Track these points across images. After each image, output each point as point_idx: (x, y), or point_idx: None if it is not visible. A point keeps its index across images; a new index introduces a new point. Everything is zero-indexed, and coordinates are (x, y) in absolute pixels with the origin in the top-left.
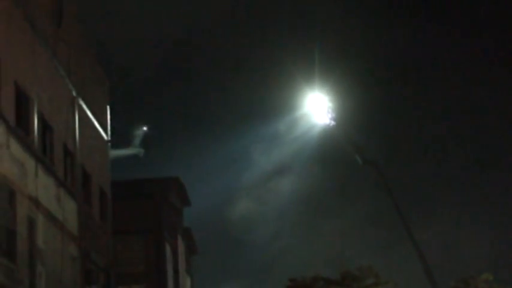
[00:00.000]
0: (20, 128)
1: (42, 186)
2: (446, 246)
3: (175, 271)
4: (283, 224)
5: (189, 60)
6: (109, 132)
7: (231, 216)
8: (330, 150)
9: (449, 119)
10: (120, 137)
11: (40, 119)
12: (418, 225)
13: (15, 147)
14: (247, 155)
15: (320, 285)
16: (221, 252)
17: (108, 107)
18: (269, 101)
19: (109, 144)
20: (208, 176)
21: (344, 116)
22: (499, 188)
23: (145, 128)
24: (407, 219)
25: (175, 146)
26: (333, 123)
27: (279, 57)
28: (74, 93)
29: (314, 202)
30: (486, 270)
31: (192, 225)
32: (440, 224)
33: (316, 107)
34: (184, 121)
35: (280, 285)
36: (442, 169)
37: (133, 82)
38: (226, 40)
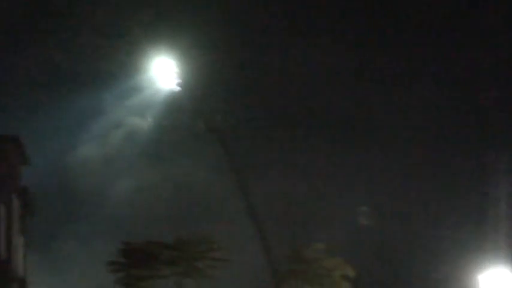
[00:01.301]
0: None
1: None
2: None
3: (9, 231)
4: (131, 176)
5: (34, 16)
6: None
7: (77, 172)
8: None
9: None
10: None
11: None
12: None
13: None
14: (94, 111)
15: (153, 249)
16: (64, 211)
17: None
18: (117, 62)
19: None
20: (54, 133)
21: (192, 82)
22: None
23: None
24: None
25: (21, 103)
26: (178, 88)
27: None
28: None
29: (164, 153)
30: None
31: (33, 184)
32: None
33: (163, 71)
34: (32, 79)
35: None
36: (289, 132)
37: None
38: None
